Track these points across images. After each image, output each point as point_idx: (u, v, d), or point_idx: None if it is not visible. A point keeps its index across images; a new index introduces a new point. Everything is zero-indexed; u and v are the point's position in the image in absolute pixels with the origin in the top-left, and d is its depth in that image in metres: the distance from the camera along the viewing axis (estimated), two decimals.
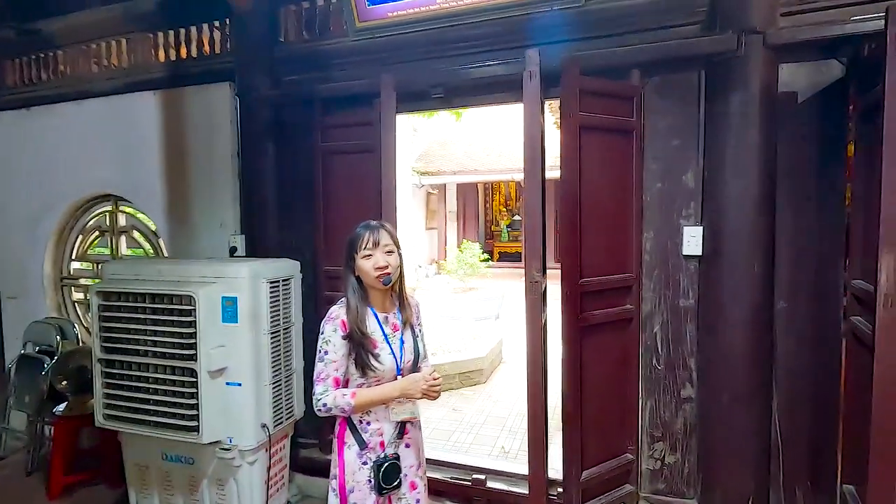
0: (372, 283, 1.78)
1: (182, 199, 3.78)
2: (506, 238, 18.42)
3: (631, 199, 2.76)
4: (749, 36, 2.44)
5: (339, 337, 1.75)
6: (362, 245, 1.75)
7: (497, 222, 18.83)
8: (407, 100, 3.08)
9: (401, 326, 1.88)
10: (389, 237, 1.79)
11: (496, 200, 19.00)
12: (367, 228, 1.79)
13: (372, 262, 1.74)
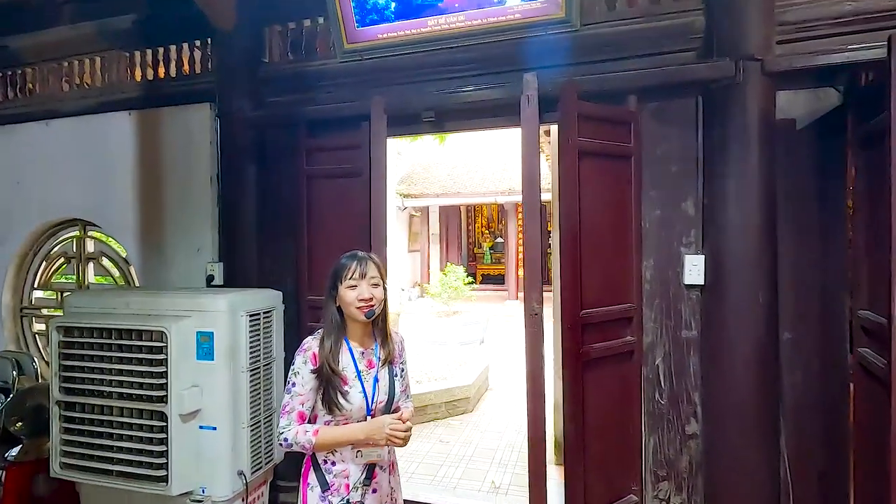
0: (353, 314, 1.69)
1: (156, 223, 3.57)
2: (488, 260, 18.37)
3: (630, 227, 2.67)
4: (747, 63, 2.42)
5: (308, 370, 1.68)
6: (348, 275, 1.68)
7: (479, 244, 18.80)
8: (397, 123, 2.97)
9: (377, 364, 1.77)
10: (376, 269, 1.73)
11: (478, 223, 19.00)
12: (354, 258, 1.72)
13: (356, 293, 1.67)
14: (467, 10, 2.84)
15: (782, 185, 2.50)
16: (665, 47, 2.66)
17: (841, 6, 2.37)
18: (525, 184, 2.42)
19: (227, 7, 3.25)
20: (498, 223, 18.37)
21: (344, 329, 1.74)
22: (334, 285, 1.71)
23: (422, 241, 16.72)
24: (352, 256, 1.73)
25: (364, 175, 3.06)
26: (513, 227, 15.44)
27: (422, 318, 11.46)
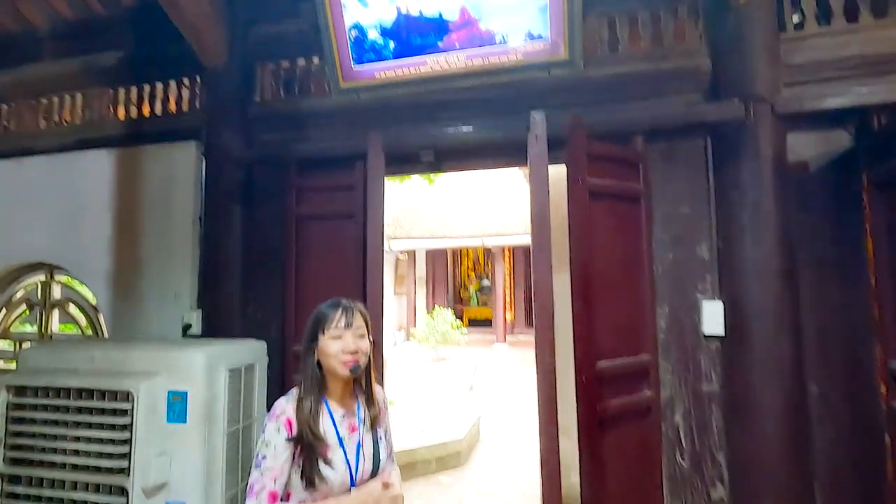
0: (335, 369, 1.50)
1: (131, 267, 3.31)
2: (475, 303, 18.13)
3: (642, 272, 2.53)
4: (757, 105, 2.37)
5: (282, 439, 1.43)
6: (331, 324, 1.50)
7: (466, 287, 18.60)
8: (394, 162, 2.84)
9: (360, 427, 1.56)
10: (362, 319, 1.56)
11: (464, 265, 18.88)
12: (337, 306, 1.55)
13: (340, 345, 1.49)
14: (468, 49, 2.78)
15: (798, 229, 2.41)
16: (670, 88, 2.61)
17: (846, 50, 2.36)
18: (535, 225, 2.27)
19: (219, 45, 3.15)
20: (484, 265, 18.28)
21: (324, 387, 1.53)
22: (314, 336, 1.52)
23: (408, 283, 16.47)
24: (335, 304, 1.55)
25: (358, 217, 2.89)
26: (500, 269, 15.34)
27: (408, 363, 11.05)
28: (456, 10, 2.76)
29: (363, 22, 2.88)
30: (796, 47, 2.43)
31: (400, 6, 2.80)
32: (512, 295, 16.49)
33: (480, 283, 18.34)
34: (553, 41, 2.68)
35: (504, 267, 15.59)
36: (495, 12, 2.71)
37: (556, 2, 2.61)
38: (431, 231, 14.69)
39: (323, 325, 1.51)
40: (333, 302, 1.56)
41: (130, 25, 3.58)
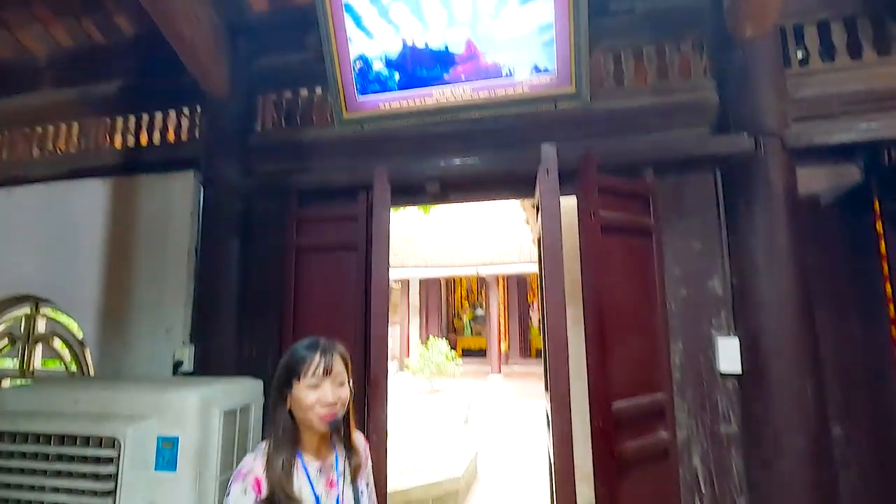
0: (311, 422, 1.34)
1: (121, 300, 3.17)
2: (468, 333, 17.90)
3: (655, 307, 2.45)
4: (767, 138, 2.35)
5: (249, 502, 1.28)
6: (308, 371, 1.34)
7: (459, 316, 18.40)
8: (399, 193, 2.77)
9: (339, 481, 1.40)
10: (343, 364, 1.40)
11: (458, 293, 18.74)
12: (315, 349, 1.38)
13: (317, 396, 1.33)
14: (474, 81, 2.77)
15: (813, 264, 2.36)
16: (678, 122, 2.60)
17: (854, 85, 2.37)
18: (547, 260, 2.19)
19: (222, 76, 3.12)
20: (478, 294, 18.14)
21: (298, 439, 1.37)
22: (287, 382, 1.36)
23: (401, 313, 16.26)
24: (312, 346, 1.39)
25: (360, 249, 2.81)
26: (494, 298, 15.22)
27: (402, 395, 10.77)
28: (462, 42, 2.76)
29: (368, 53, 2.87)
30: (802, 82, 2.44)
31: (406, 38, 2.80)
32: (506, 324, 16.33)
33: (474, 312, 18.18)
34: (559, 74, 2.68)
35: (498, 296, 15.48)
36: (501, 46, 2.71)
37: (562, 36, 2.62)
38: (426, 260, 14.61)
39: (298, 370, 1.35)
40: (311, 343, 1.40)
41: (131, 55, 3.55)
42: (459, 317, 18.39)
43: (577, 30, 2.57)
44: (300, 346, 1.40)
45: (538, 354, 15.75)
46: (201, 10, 2.90)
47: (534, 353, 16.05)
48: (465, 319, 18.20)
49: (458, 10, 2.68)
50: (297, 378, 1.34)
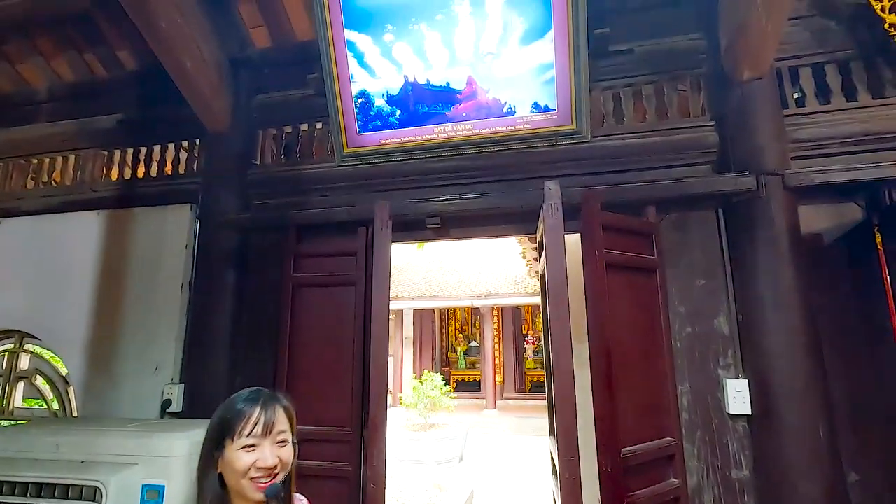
0: (245, 490, 1.12)
1: (110, 336, 3.07)
2: (463, 365, 17.61)
3: (661, 346, 2.39)
4: (768, 177, 2.36)
5: None
6: (245, 429, 1.12)
7: (453, 348, 18.14)
8: (399, 229, 2.74)
9: None
10: (286, 418, 1.19)
11: (452, 325, 18.53)
12: (255, 401, 1.16)
13: (253, 458, 1.12)
14: (476, 119, 2.79)
15: (819, 303, 2.33)
16: (678, 160, 2.62)
17: (851, 126, 2.40)
18: (552, 298, 2.15)
19: (223, 110, 3.12)
20: (472, 326, 17.95)
21: None
22: (219, 442, 1.14)
23: (395, 345, 16.01)
24: (251, 399, 1.17)
25: (359, 285, 2.75)
26: (489, 330, 15.05)
27: (394, 431, 10.48)
28: (463, 80, 2.79)
29: (370, 90, 2.89)
30: (800, 123, 2.47)
31: (408, 75, 2.83)
32: (501, 357, 16.10)
33: (468, 344, 17.94)
34: (560, 112, 2.70)
35: (493, 328, 15.32)
36: (502, 84, 2.74)
37: (563, 75, 2.66)
38: (420, 291, 14.51)
39: (233, 427, 1.12)
40: (250, 395, 1.18)
41: (131, 88, 3.57)
42: (454, 349, 18.13)
43: (576, 69, 2.61)
44: (237, 399, 1.18)
45: (533, 388, 15.50)
46: (204, 45, 2.92)
47: (529, 386, 15.78)
48: (460, 351, 17.94)
49: (461, 49, 2.72)
50: (231, 437, 1.12)
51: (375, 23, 2.77)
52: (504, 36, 2.67)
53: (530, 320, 16.35)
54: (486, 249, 14.66)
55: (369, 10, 2.76)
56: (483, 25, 2.68)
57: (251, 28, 3.25)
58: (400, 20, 2.75)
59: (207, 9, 2.99)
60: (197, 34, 2.86)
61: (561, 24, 2.59)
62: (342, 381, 2.67)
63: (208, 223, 3.06)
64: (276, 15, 3.16)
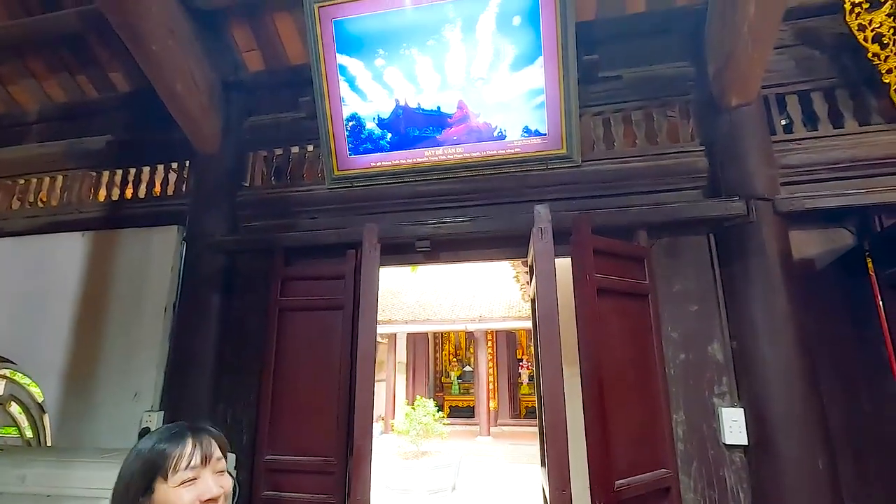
0: None
1: (89, 361, 2.98)
2: (456, 391, 17.33)
3: (655, 374, 2.34)
4: (758, 202, 2.36)
5: None
6: (180, 462, 1.05)
7: (447, 373, 17.88)
8: (388, 252, 2.70)
9: None
10: (220, 448, 1.14)
11: (446, 349, 18.32)
12: (183, 437, 1.08)
13: (196, 492, 1.05)
14: (466, 143, 2.78)
15: (814, 330, 2.30)
16: (669, 184, 2.61)
17: (839, 152, 2.41)
18: (542, 323, 2.10)
19: (213, 132, 3.11)
20: (466, 350, 17.75)
21: None
22: (146, 487, 1.04)
23: (387, 370, 15.76)
24: (179, 434, 1.09)
25: (347, 309, 2.70)
26: (483, 355, 14.87)
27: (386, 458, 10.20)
28: (454, 104, 2.80)
29: (361, 113, 2.89)
30: (789, 148, 2.48)
31: (399, 99, 2.84)
32: (495, 382, 15.88)
33: (462, 368, 17.71)
34: (550, 136, 2.71)
35: (487, 352, 15.15)
36: (493, 108, 2.75)
37: (553, 100, 2.67)
38: (413, 315, 14.36)
39: (164, 466, 1.04)
40: (174, 431, 1.10)
41: (122, 110, 3.56)
42: (447, 374, 17.88)
43: (566, 95, 2.63)
44: (158, 438, 1.08)
45: (528, 414, 15.26)
46: (195, 69, 2.92)
47: (523, 412, 15.53)
48: (454, 376, 17.68)
49: (452, 74, 2.74)
50: (165, 476, 1.04)
51: (367, 48, 2.80)
52: (494, 62, 2.70)
53: (525, 345, 16.20)
54: (480, 273, 14.62)
55: (361, 35, 2.78)
56: (474, 51, 2.71)
57: (244, 52, 3.26)
58: (391, 45, 2.77)
59: (201, 33, 3.01)
60: (189, 58, 2.86)
61: (551, 51, 2.61)
62: (327, 409, 2.58)
63: (195, 245, 3.01)
64: (269, 39, 3.18)
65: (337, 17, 2.78)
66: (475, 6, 2.65)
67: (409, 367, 16.63)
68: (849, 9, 2.37)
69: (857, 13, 2.36)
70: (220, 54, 3.19)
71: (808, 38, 2.60)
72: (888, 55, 2.36)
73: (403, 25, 2.74)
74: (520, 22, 2.63)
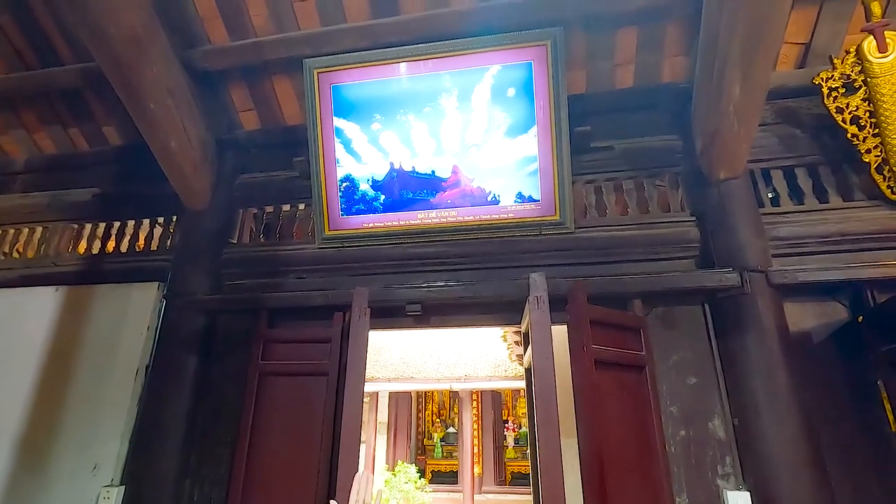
0: None
1: (48, 428, 2.75)
2: (439, 454, 16.50)
3: (655, 452, 2.22)
4: (752, 274, 2.36)
5: None
6: None
7: (430, 435, 17.14)
8: (378, 315, 2.61)
9: None
10: None
11: (429, 409, 17.66)
12: None
13: None
14: (460, 206, 2.78)
15: (815, 408, 2.23)
16: (662, 253, 2.61)
17: (826, 226, 2.45)
18: (539, 402, 2.00)
19: (204, 189, 3.08)
20: (450, 410, 17.13)
21: None
22: None
23: (368, 431, 15.01)
24: None
25: (332, 375, 2.56)
26: (467, 416, 14.32)
27: None
28: (449, 168, 2.82)
29: (355, 174, 2.90)
30: (778, 221, 2.52)
31: (394, 162, 2.85)
32: (480, 445, 15.22)
33: (446, 430, 17.01)
34: (544, 203, 2.72)
35: (471, 413, 14.61)
36: (487, 173, 2.78)
37: (546, 168, 2.71)
38: (397, 372, 13.92)
39: None
40: None
41: (111, 163, 3.53)
42: (430, 435, 17.12)
43: (559, 163, 2.67)
44: None
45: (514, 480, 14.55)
46: (190, 126, 2.93)
47: (509, 478, 14.79)
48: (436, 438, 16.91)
49: (447, 140, 2.78)
50: None
51: (364, 112, 2.84)
52: (489, 129, 2.75)
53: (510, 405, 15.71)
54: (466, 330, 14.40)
55: (359, 100, 2.84)
56: (469, 119, 2.77)
57: (241, 111, 3.30)
58: (388, 111, 2.82)
59: (199, 92, 3.04)
60: (185, 116, 2.87)
61: (544, 121, 2.68)
62: (306, 485, 2.38)
63: (175, 303, 2.89)
64: (266, 100, 3.23)
65: (335, 82, 2.85)
66: (471, 77, 2.73)
67: (390, 428, 15.90)
68: (826, 93, 2.49)
69: (835, 97, 2.48)
70: (217, 113, 3.22)
71: (790, 117, 2.71)
72: (866, 136, 2.46)
73: (400, 93, 2.80)
74: (514, 93, 2.71)
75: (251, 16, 2.93)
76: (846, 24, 2.63)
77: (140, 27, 2.51)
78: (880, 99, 2.39)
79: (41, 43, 3.23)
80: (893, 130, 2.38)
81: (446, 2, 2.78)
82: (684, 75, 2.82)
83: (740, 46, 2.17)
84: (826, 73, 2.49)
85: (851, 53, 2.46)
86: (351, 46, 2.83)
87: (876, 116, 2.42)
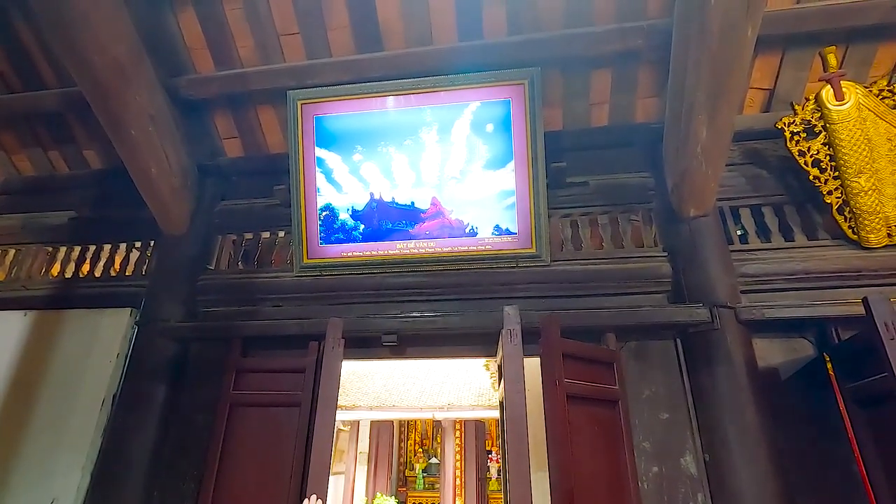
0: None
1: (5, 459, 2.64)
2: (421, 486, 16.08)
3: (627, 489, 2.21)
4: (721, 310, 2.41)
5: None
6: None
7: (412, 465, 16.73)
8: (354, 345, 2.60)
9: None
10: None
11: (411, 439, 17.28)
12: None
13: None
14: (439, 237, 2.81)
15: (785, 446, 2.25)
16: (635, 287, 2.66)
17: (792, 264, 2.53)
18: (511, 435, 1.99)
19: (182, 214, 3.07)
20: (433, 440, 16.78)
21: None
22: None
23: (348, 460, 14.61)
24: None
25: (305, 406, 2.52)
26: (450, 446, 14.05)
27: None
28: (428, 200, 2.86)
29: (335, 204, 2.92)
30: (746, 258, 2.59)
31: (374, 192, 2.89)
32: (462, 476, 14.89)
33: (428, 461, 16.63)
34: (521, 236, 2.77)
35: (454, 443, 14.35)
36: (466, 206, 2.82)
37: (523, 202, 2.77)
38: (379, 400, 13.66)
39: None
40: None
41: (89, 186, 3.51)
42: (412, 466, 16.72)
43: (536, 197, 2.73)
44: None
45: None
46: (171, 153, 2.94)
47: None
48: (418, 469, 16.52)
49: (426, 172, 2.83)
50: None
51: (346, 143, 2.89)
52: (468, 163, 2.81)
53: (494, 435, 15.48)
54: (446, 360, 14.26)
55: (341, 132, 2.89)
56: (449, 152, 2.83)
57: (225, 138, 3.33)
58: (370, 143, 2.87)
59: (183, 119, 3.07)
60: (166, 142, 2.89)
61: (521, 157, 2.75)
62: None
63: (147, 330, 2.84)
64: (250, 128, 3.27)
65: (318, 113, 2.90)
66: (451, 112, 2.81)
67: (371, 459, 15.47)
68: (788, 136, 2.60)
69: (797, 140, 2.60)
70: (200, 140, 3.24)
71: (756, 158, 2.83)
72: (827, 178, 2.57)
73: (382, 125, 2.86)
74: (493, 129, 2.79)
75: (238, 47, 3.00)
76: (807, 72, 2.78)
77: (125, 57, 2.55)
78: (839, 144, 2.51)
79: (25, 67, 3.24)
80: (852, 174, 2.49)
81: (428, 40, 2.87)
82: (656, 115, 2.93)
83: (705, 92, 2.28)
84: (788, 119, 2.61)
85: (811, 101, 2.58)
86: (334, 80, 2.90)
87: (836, 160, 2.53)
